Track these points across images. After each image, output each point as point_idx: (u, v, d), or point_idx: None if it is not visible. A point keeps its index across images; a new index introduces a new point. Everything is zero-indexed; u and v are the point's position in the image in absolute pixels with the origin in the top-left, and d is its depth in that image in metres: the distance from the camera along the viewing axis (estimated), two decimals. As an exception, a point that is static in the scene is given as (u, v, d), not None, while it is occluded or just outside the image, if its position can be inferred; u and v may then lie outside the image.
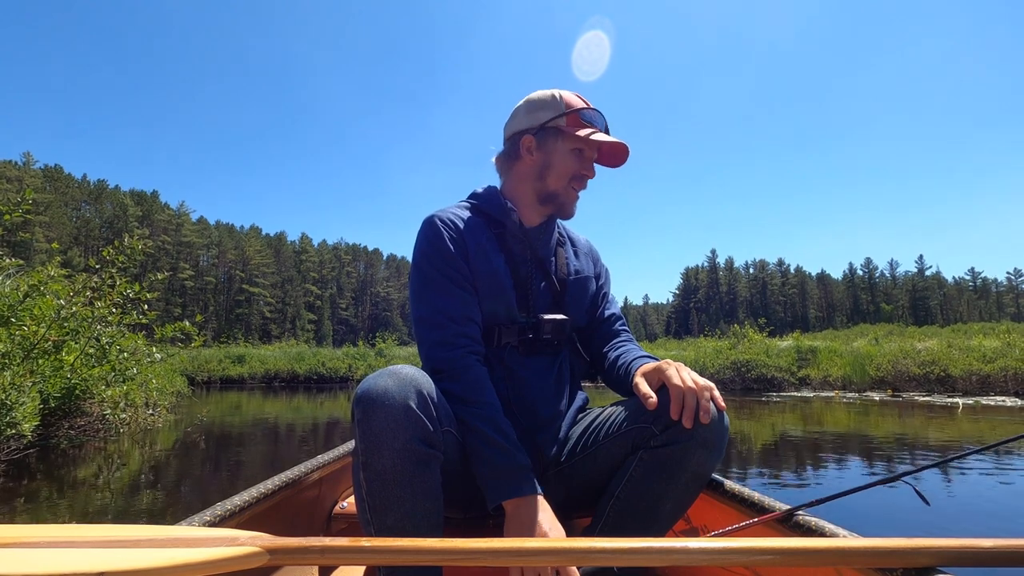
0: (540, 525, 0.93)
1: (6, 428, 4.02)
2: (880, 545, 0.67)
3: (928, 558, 0.67)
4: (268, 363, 20.96)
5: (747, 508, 1.13)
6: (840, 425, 6.97)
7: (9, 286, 5.55)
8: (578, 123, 1.23)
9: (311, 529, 1.44)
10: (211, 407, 10.44)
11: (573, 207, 1.28)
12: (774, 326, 22.80)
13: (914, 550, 0.66)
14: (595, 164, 1.29)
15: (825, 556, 0.67)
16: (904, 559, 0.68)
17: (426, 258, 1.19)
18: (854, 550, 0.68)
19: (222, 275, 79.61)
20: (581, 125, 1.23)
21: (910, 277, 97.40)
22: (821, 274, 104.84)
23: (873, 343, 16.30)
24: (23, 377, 4.37)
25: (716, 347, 17.18)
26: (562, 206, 1.27)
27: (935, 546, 0.66)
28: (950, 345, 13.31)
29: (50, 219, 58.92)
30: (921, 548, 0.66)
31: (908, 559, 0.68)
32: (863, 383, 12.71)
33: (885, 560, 0.69)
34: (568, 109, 1.23)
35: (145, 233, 9.38)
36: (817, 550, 0.67)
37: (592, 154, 1.26)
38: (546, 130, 1.24)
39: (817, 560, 0.67)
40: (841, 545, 0.68)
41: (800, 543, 0.67)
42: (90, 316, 5.86)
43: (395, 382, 0.92)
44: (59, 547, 0.59)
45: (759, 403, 10.54)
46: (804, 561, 0.66)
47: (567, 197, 1.26)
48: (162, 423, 7.25)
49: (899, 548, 0.67)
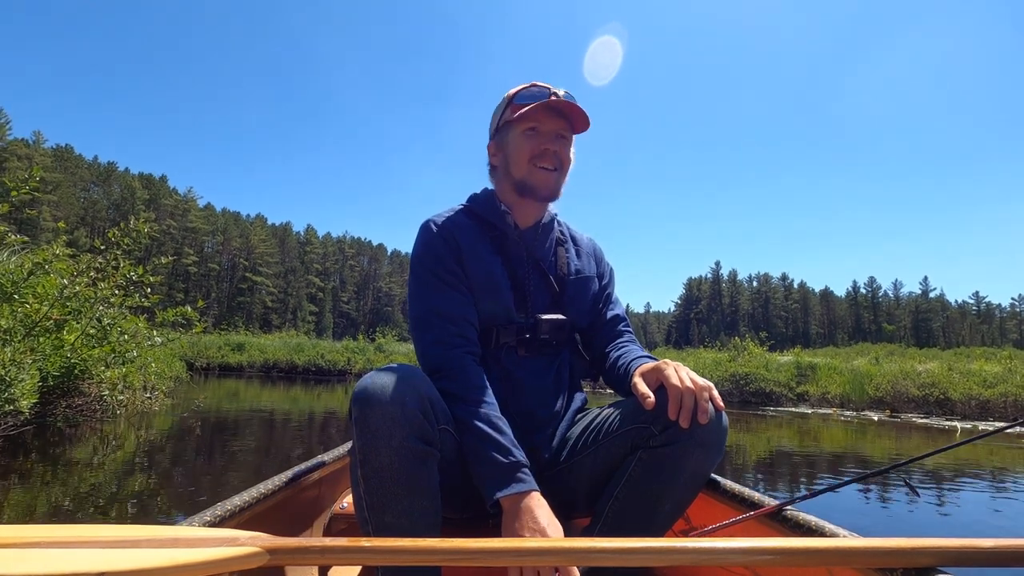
0: (538, 521, 0.92)
1: (4, 404, 4.03)
2: (880, 545, 0.67)
3: (928, 558, 0.67)
4: (267, 352, 21.00)
5: (747, 507, 1.12)
6: (837, 443, 6.94)
7: (14, 263, 5.57)
8: (517, 107, 1.23)
9: (311, 529, 1.44)
10: (208, 393, 10.46)
11: (550, 188, 1.24)
12: (775, 340, 22.74)
13: (914, 550, 0.66)
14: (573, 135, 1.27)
15: (825, 556, 0.67)
16: (904, 559, 0.68)
17: (421, 260, 1.21)
18: (854, 550, 0.68)
19: (226, 262, 79.79)
20: (521, 107, 1.22)
21: (913, 298, 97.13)
22: (824, 291, 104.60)
23: (873, 362, 16.22)
24: (24, 354, 4.38)
25: (715, 358, 17.12)
26: (534, 188, 1.24)
27: (935, 546, 0.66)
28: (951, 368, 13.24)
29: (58, 199, 59.15)
30: (921, 548, 0.66)
31: (908, 559, 0.68)
32: (861, 402, 12.66)
33: (885, 560, 0.69)
34: (507, 101, 1.25)
35: (151, 216, 9.45)
36: (817, 550, 0.67)
37: (550, 127, 1.22)
38: (500, 129, 1.28)
39: (817, 560, 0.67)
40: (841, 545, 0.68)
41: (800, 543, 0.67)
42: (93, 297, 5.87)
43: (392, 380, 0.92)
44: (59, 547, 0.59)
45: (756, 416, 10.51)
46: (804, 561, 0.66)
47: (535, 178, 1.23)
48: (159, 407, 7.26)
49: (899, 548, 0.67)
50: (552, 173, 1.23)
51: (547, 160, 1.22)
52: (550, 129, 1.22)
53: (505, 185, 1.29)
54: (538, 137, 1.22)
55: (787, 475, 4.53)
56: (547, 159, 1.22)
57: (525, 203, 1.28)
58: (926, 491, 3.98)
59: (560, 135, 1.23)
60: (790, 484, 4.14)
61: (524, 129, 1.22)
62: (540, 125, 1.22)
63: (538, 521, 0.92)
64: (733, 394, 14.40)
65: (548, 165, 1.23)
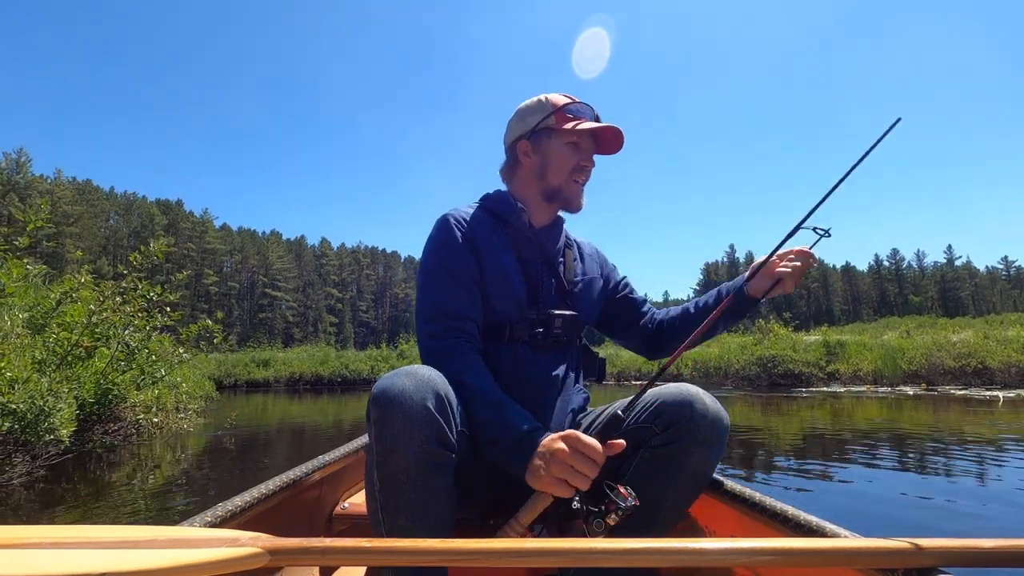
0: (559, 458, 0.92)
1: (44, 434, 4.10)
2: (881, 545, 0.67)
3: (929, 558, 0.67)
4: (293, 366, 21.32)
5: (748, 508, 1.13)
6: (878, 422, 6.78)
7: (40, 295, 5.70)
8: (566, 118, 1.29)
9: (312, 530, 1.45)
10: (239, 410, 10.61)
11: (579, 200, 1.33)
12: (798, 320, 22.36)
13: (915, 550, 0.66)
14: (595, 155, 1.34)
15: (826, 556, 0.67)
16: (905, 559, 0.68)
17: (433, 253, 1.23)
18: (855, 550, 0.68)
19: (245, 280, 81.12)
20: (569, 119, 1.29)
21: (939, 268, 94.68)
22: (846, 266, 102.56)
23: (904, 336, 15.88)
24: (60, 383, 4.47)
25: (741, 342, 16.91)
26: (568, 200, 1.31)
27: (936, 546, 0.66)
28: (987, 336, 12.89)
29: (80, 230, 60.65)
30: (922, 548, 0.66)
31: (909, 559, 0.68)
32: (895, 377, 12.40)
33: (886, 560, 0.69)
34: (555, 108, 1.29)
35: (171, 241, 9.62)
36: (818, 550, 0.67)
37: (587, 144, 1.31)
38: (538, 132, 1.30)
39: (818, 560, 0.67)
40: (842, 545, 0.69)
41: (800, 543, 0.68)
42: (118, 323, 5.98)
43: (412, 382, 0.92)
44: (60, 548, 0.59)
45: (787, 399, 10.34)
46: (804, 561, 0.67)
47: (571, 190, 1.30)
48: (192, 427, 7.38)
49: (900, 548, 0.67)
50: (582, 188, 1.32)
51: (584, 176, 1.31)
52: (589, 147, 1.31)
53: (531, 186, 1.33)
54: (579, 152, 1.29)
55: (820, 456, 4.43)
56: (584, 175, 1.31)
57: (548, 207, 1.34)
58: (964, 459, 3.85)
59: (594, 154, 1.34)
60: (824, 464, 4.03)
61: (569, 141, 1.28)
62: (583, 142, 1.30)
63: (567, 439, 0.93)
64: (761, 377, 14.21)
65: (582, 180, 1.32)
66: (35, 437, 4.06)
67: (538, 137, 1.30)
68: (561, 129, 1.27)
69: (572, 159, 1.28)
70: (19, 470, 4.00)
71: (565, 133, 1.27)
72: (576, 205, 1.32)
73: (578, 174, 1.29)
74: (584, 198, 1.33)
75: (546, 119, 1.29)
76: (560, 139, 1.28)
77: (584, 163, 1.29)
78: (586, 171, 1.31)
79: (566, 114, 1.28)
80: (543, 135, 1.29)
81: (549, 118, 1.28)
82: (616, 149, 1.34)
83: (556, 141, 1.28)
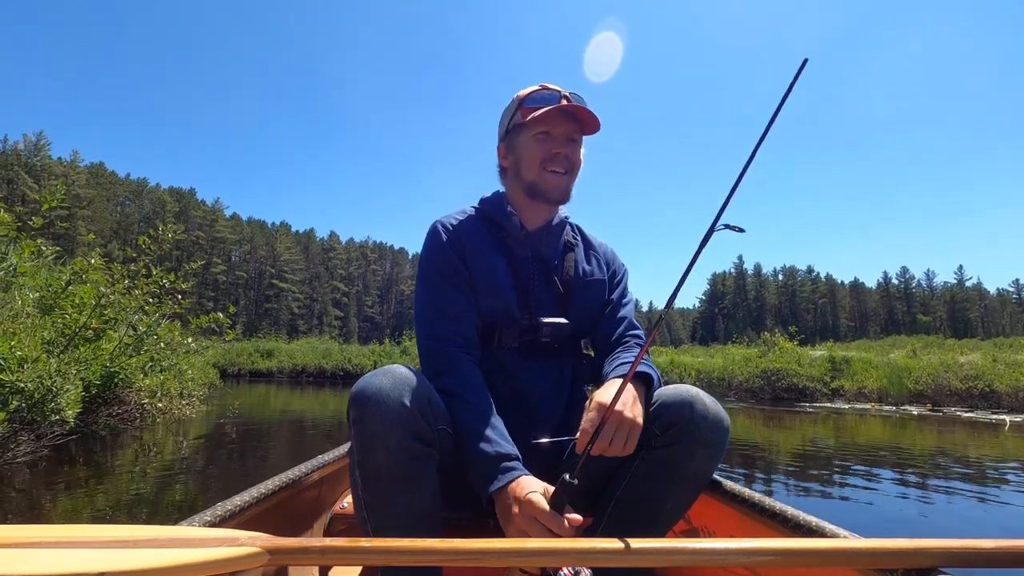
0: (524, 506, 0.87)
1: (51, 414, 4.14)
2: (881, 545, 0.67)
3: (929, 558, 0.67)
4: (296, 358, 21.42)
5: (747, 508, 1.13)
6: (880, 439, 6.72)
7: (52, 275, 5.74)
8: (528, 110, 1.23)
9: (311, 530, 1.45)
10: (241, 399, 10.66)
11: (560, 190, 1.24)
12: (804, 334, 22.23)
13: (915, 550, 0.66)
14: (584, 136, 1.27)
15: (825, 556, 0.67)
16: (905, 559, 0.68)
17: (426, 259, 1.24)
18: (855, 550, 0.68)
19: (253, 271, 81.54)
20: (530, 110, 1.22)
21: (948, 288, 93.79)
22: (854, 283, 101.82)
23: (911, 355, 15.73)
24: (68, 365, 4.50)
25: (745, 354, 16.84)
26: (545, 192, 1.24)
27: (936, 547, 0.66)
28: (995, 359, 12.76)
29: (92, 213, 61.19)
30: (922, 548, 0.66)
31: (909, 559, 0.68)
32: (900, 396, 12.28)
33: (886, 560, 0.69)
34: (518, 103, 1.25)
35: (180, 228, 9.70)
36: (817, 550, 0.67)
37: (561, 131, 1.22)
38: (510, 131, 1.28)
39: (817, 560, 0.67)
40: (842, 545, 0.69)
41: (800, 543, 0.68)
42: (128, 306, 6.02)
43: (389, 381, 0.93)
44: (60, 547, 0.59)
45: (790, 413, 10.27)
46: (804, 561, 0.67)
47: (546, 182, 1.23)
48: (195, 413, 7.42)
49: (900, 548, 0.67)
50: (563, 176, 1.24)
51: (558, 164, 1.23)
52: (561, 132, 1.23)
53: (515, 187, 1.30)
54: (550, 141, 1.22)
55: (829, 474, 4.39)
56: (558, 163, 1.23)
57: (534, 205, 1.29)
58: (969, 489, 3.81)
59: (571, 138, 1.24)
60: (824, 486, 4.00)
61: (536, 133, 1.22)
62: (552, 129, 1.22)
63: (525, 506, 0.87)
64: (765, 390, 14.12)
65: (559, 168, 1.23)
66: (41, 417, 4.10)
67: (510, 136, 1.28)
68: (524, 122, 1.23)
69: (539, 150, 1.22)
70: (23, 449, 4.03)
71: (528, 125, 1.22)
72: (555, 195, 1.24)
73: (551, 163, 1.22)
74: (572, 187, 1.26)
75: (514, 116, 1.26)
76: (527, 133, 1.23)
77: (556, 150, 1.21)
78: (559, 158, 1.22)
79: (526, 106, 1.23)
80: (513, 133, 1.27)
81: (516, 114, 1.25)
82: (590, 127, 1.24)
83: (524, 136, 1.24)
